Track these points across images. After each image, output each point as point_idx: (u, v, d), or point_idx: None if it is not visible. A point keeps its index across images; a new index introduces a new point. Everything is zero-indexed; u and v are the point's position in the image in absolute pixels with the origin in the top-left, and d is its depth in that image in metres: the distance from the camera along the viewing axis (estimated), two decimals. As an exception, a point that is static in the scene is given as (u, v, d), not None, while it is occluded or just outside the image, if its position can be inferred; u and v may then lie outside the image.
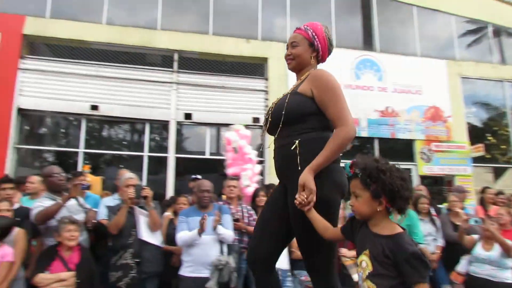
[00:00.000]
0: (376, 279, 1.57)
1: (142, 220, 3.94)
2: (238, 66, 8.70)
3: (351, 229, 1.76)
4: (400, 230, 1.61)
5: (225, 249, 3.79)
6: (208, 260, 3.58)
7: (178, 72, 8.29)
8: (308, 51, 2.08)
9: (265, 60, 8.77)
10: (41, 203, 3.45)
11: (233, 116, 8.15)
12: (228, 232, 3.76)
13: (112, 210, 3.95)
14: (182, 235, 3.65)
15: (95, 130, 8.15)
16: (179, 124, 8.26)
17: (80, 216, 3.67)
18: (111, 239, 3.87)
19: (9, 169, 7.31)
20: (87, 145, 7.90)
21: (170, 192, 7.60)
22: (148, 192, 4.04)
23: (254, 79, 8.73)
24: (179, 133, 8.31)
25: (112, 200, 4.45)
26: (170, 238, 4.16)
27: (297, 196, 1.81)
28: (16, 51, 7.68)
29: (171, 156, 8.00)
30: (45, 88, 7.73)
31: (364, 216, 1.66)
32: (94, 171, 7.22)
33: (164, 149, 8.13)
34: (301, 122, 1.94)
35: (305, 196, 1.79)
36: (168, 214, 4.62)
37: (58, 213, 3.40)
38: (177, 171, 8.02)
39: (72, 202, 3.59)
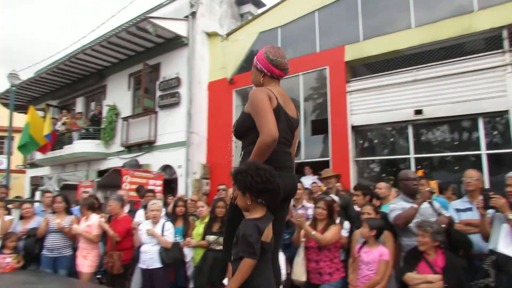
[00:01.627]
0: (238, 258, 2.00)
1: (505, 230, 3.37)
2: None
3: None
4: (254, 216, 2.01)
5: None
6: None
7: (511, 51, 7.00)
8: (257, 75, 2.43)
9: None
10: (396, 205, 3.65)
11: None
12: None
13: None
14: None
15: (422, 134, 8.06)
16: (522, 111, 6.87)
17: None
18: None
19: (352, 180, 8.36)
20: (416, 150, 7.92)
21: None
22: (497, 202, 3.32)
23: None
24: (523, 122, 6.91)
25: (461, 203, 4.17)
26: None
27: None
28: (342, 78, 8.86)
29: (517, 150, 6.73)
30: (370, 104, 8.45)
31: (243, 209, 2.09)
32: (426, 175, 7.08)
33: (506, 144, 6.95)
34: (246, 136, 2.27)
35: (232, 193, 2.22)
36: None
37: (414, 217, 3.49)
38: (528, 168, 6.64)
39: (425, 205, 3.59)
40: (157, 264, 4.70)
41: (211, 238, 4.43)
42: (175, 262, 4.79)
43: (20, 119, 15.09)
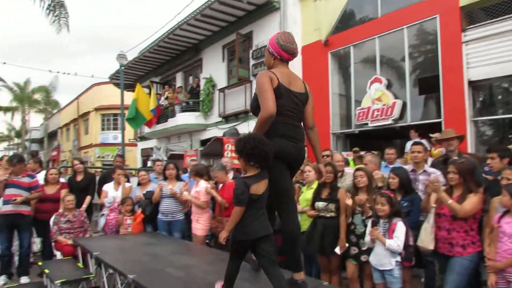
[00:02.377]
0: None
1: None
2: None
3: None
4: (247, 175, 2.48)
5: None
6: None
7: None
8: (269, 57, 2.85)
9: None
10: None
11: None
12: None
13: None
14: None
15: None
16: None
17: None
18: None
19: (469, 143, 7.40)
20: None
21: None
22: None
23: None
24: None
25: None
26: None
27: None
28: (457, 27, 7.72)
29: None
30: (492, 54, 7.25)
31: (242, 169, 2.56)
32: None
33: None
34: (257, 112, 2.64)
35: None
36: None
37: None
38: None
39: None
40: (265, 230, 4.70)
41: (320, 204, 4.25)
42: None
43: (129, 97, 16.53)
